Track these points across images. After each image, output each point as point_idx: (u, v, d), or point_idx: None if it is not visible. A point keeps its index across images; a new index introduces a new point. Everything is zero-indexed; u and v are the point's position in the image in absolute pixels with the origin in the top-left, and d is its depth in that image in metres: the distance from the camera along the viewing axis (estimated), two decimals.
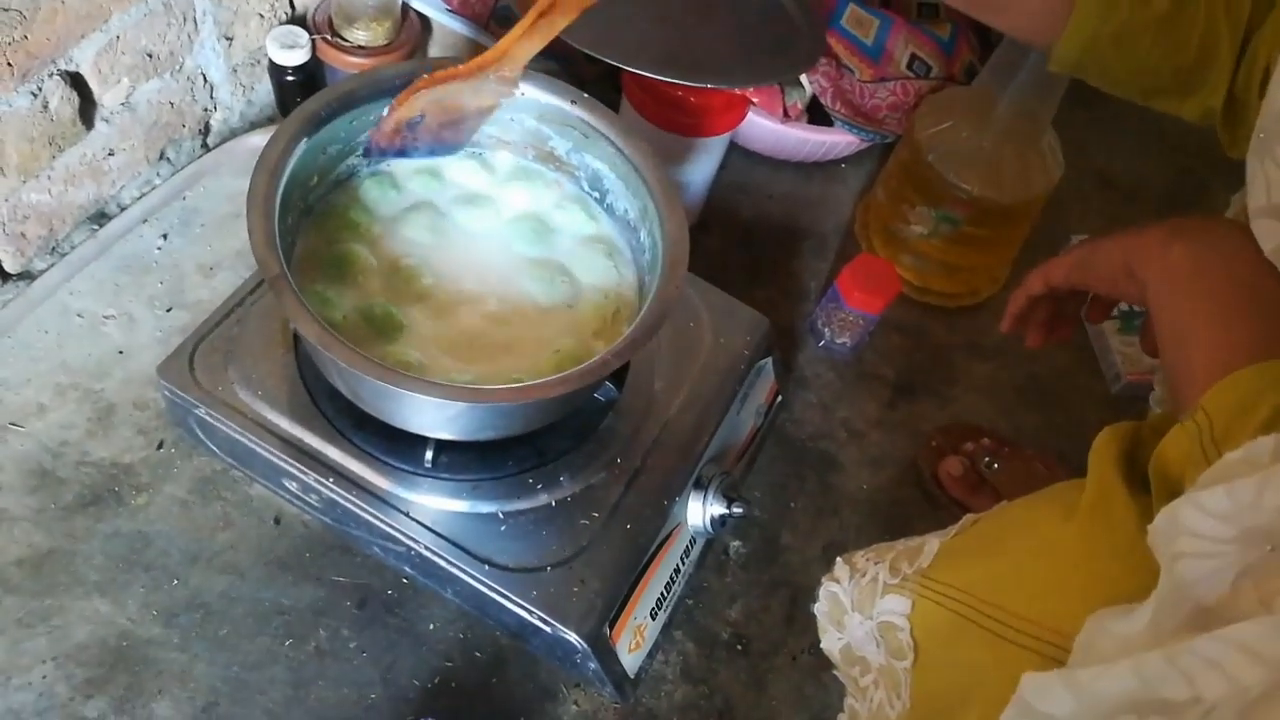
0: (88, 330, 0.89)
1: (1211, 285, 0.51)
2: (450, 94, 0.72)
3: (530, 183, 0.81)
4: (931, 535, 0.63)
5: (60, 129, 0.83)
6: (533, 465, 0.76)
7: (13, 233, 0.85)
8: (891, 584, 0.58)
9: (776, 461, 0.97)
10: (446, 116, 0.74)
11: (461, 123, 0.76)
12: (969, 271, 1.08)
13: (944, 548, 0.57)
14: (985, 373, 1.08)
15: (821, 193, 1.19)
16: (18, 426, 0.83)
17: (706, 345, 0.86)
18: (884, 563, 0.61)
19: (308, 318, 0.61)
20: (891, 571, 0.59)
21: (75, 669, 0.74)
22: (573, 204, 0.81)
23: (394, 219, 0.77)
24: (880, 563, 0.62)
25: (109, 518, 0.81)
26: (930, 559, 0.57)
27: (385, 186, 0.78)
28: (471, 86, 0.72)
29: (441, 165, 0.80)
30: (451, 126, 0.76)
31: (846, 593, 0.64)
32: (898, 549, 0.62)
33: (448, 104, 0.73)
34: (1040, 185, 0.99)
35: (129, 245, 0.95)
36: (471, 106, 0.74)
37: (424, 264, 0.75)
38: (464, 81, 0.71)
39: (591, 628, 0.72)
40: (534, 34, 0.66)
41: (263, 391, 0.76)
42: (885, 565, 0.60)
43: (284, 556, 0.82)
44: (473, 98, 0.74)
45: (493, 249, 0.78)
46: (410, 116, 0.73)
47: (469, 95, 0.73)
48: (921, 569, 0.57)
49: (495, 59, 0.70)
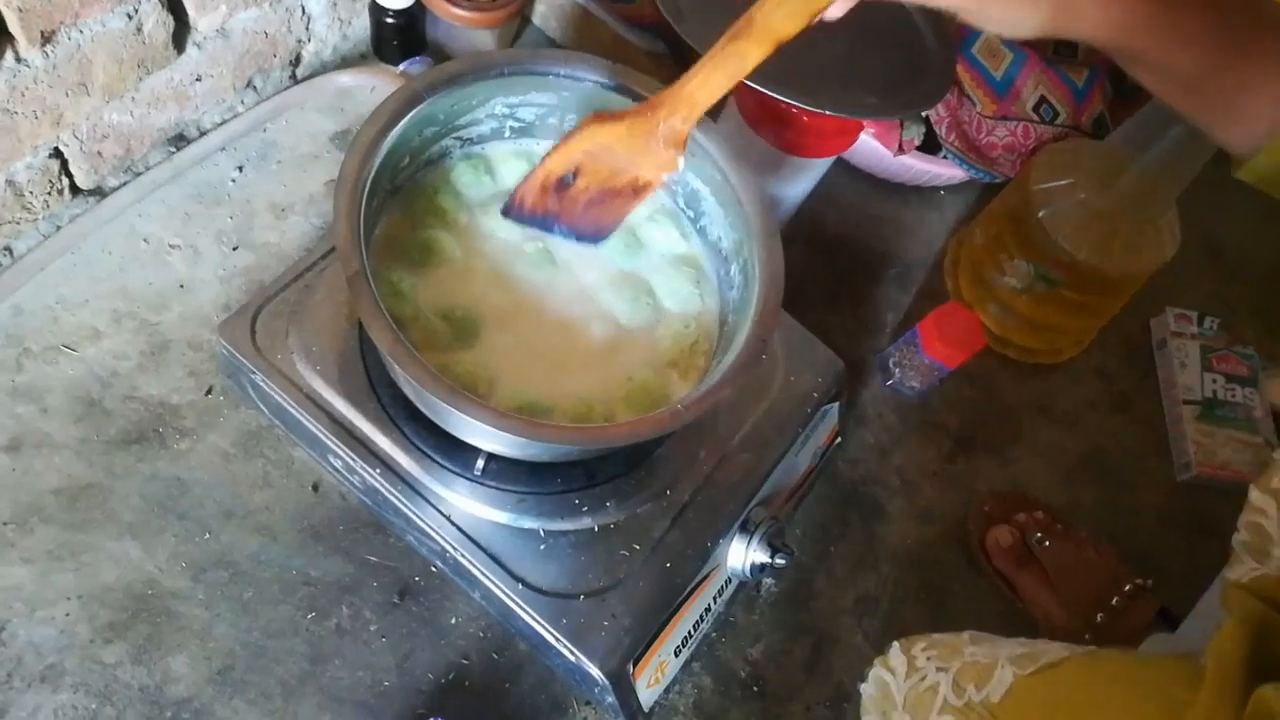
0: (152, 257, 0.87)
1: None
2: (609, 151, 0.63)
3: None
4: (1003, 647, 0.60)
5: (151, 52, 0.80)
6: (580, 486, 0.74)
7: (89, 151, 0.82)
8: (954, 705, 0.56)
9: (823, 502, 0.94)
10: (600, 184, 0.66)
11: (613, 200, 0.68)
12: (1055, 332, 1.03)
13: (1019, 687, 0.54)
14: (1051, 438, 1.04)
15: (915, 219, 1.13)
16: (70, 350, 0.82)
17: (777, 383, 0.83)
18: (947, 671, 0.59)
19: (382, 325, 0.58)
20: (955, 690, 0.56)
21: (99, 610, 0.74)
22: (666, 218, 0.77)
23: (483, 206, 0.74)
24: (944, 669, 0.59)
25: (150, 459, 0.80)
26: (1001, 692, 0.54)
27: (479, 170, 0.74)
28: (635, 145, 0.63)
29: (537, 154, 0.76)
30: (601, 204, 0.68)
31: (899, 688, 0.61)
32: (964, 656, 0.60)
33: (603, 165, 0.64)
34: (1151, 261, 0.93)
35: (203, 173, 0.92)
36: (628, 176, 0.65)
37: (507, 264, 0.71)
38: (629, 132, 0.62)
39: (616, 665, 0.71)
40: (717, 70, 0.56)
41: (321, 366, 0.74)
42: (949, 676, 0.58)
43: (318, 526, 0.81)
44: (633, 162, 0.64)
45: (579, 254, 0.74)
46: (563, 171, 0.65)
47: (630, 158, 0.64)
48: (990, 704, 0.54)
49: (669, 101, 0.59)
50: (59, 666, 0.72)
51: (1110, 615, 0.85)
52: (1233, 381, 1.07)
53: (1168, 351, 1.10)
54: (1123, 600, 0.85)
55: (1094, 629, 0.85)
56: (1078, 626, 0.86)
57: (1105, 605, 0.85)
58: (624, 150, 0.64)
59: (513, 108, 0.73)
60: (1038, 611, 0.89)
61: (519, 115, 0.74)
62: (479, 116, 0.73)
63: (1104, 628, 0.85)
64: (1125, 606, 0.85)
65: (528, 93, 0.72)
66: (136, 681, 0.73)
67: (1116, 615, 0.85)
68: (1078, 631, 0.86)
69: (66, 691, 0.71)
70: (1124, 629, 0.85)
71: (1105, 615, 0.85)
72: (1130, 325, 1.13)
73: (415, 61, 0.99)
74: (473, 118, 0.72)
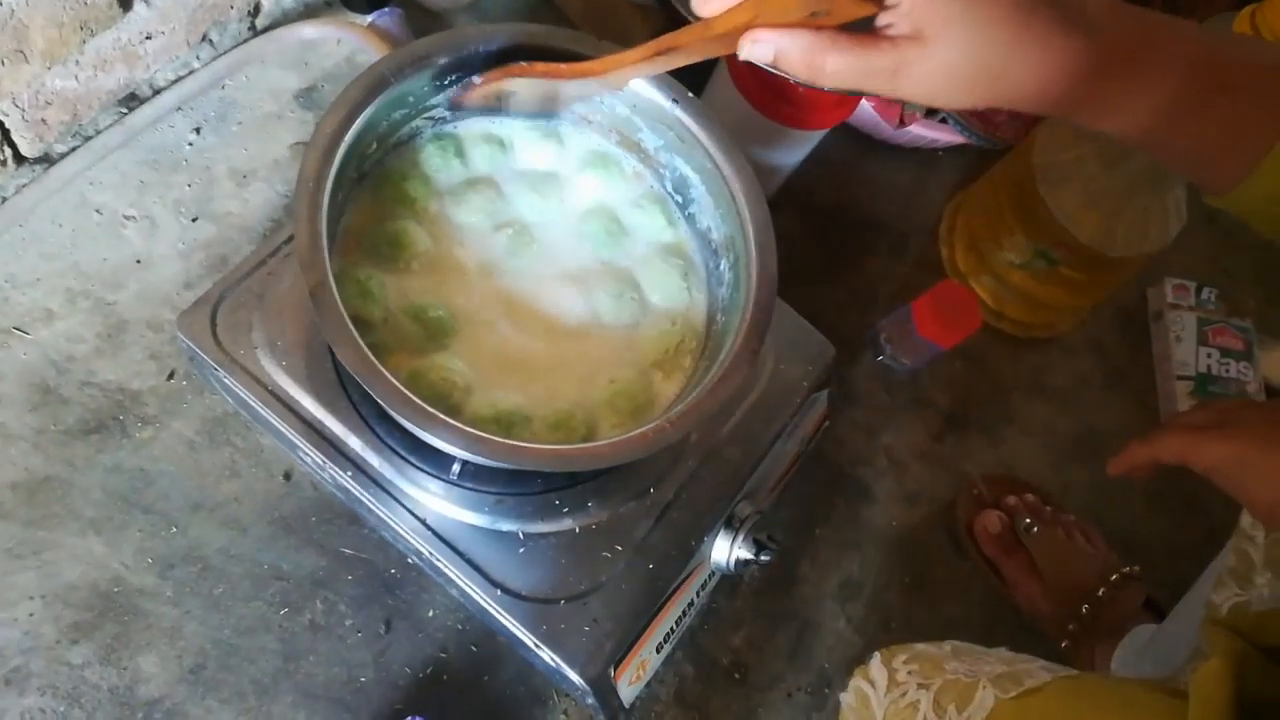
0: (105, 230, 0.82)
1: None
2: (547, 86, 0.65)
3: (607, 171, 0.72)
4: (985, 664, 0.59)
5: (94, 12, 0.73)
6: (561, 486, 0.72)
7: (33, 119, 0.76)
8: None
9: (809, 484, 0.92)
10: (542, 96, 0.67)
11: (557, 100, 0.69)
12: (1051, 308, 1.00)
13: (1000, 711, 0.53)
14: (1043, 416, 1.02)
15: (912, 182, 1.09)
16: (22, 332, 0.77)
17: (766, 372, 0.80)
18: (928, 689, 0.57)
19: (348, 341, 0.54)
20: (935, 709, 0.55)
21: (63, 610, 0.72)
22: (652, 204, 0.73)
23: (453, 194, 0.69)
24: (925, 686, 0.58)
25: (111, 449, 0.76)
26: (983, 716, 0.53)
27: (449, 154, 0.69)
28: (573, 84, 0.64)
29: (512, 136, 0.71)
30: (547, 102, 0.69)
31: (880, 703, 0.60)
32: (946, 673, 0.58)
33: (544, 88, 0.66)
34: (1155, 242, 0.90)
35: (158, 136, 0.86)
36: (569, 94, 0.67)
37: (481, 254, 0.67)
38: (565, 80, 0.63)
39: (597, 671, 0.69)
40: (650, 64, 0.57)
41: (287, 362, 0.70)
42: (930, 695, 0.57)
43: (289, 517, 0.78)
44: (572, 89, 0.66)
45: (558, 243, 0.70)
46: (501, 91, 0.66)
47: (568, 89, 0.65)
48: None
49: (600, 72, 0.60)
50: (24, 669, 0.70)
51: (1096, 606, 0.84)
52: (1228, 356, 1.05)
53: (1164, 324, 1.07)
54: (1109, 591, 0.85)
55: (1079, 619, 0.84)
56: (1063, 617, 0.85)
57: (1091, 596, 0.85)
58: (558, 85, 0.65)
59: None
60: (1023, 600, 0.88)
61: None
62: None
63: (1088, 619, 0.84)
64: (1111, 597, 0.84)
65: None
66: (105, 682, 0.71)
67: (1102, 606, 0.84)
68: (1063, 621, 0.85)
69: (34, 694, 0.69)
70: (1110, 619, 0.84)
71: (1091, 606, 0.84)
72: (1127, 294, 1.11)
73: (385, 13, 0.92)
74: (443, 98, 0.67)
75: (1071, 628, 0.85)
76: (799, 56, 0.46)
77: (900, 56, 0.44)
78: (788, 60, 0.46)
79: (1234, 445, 0.54)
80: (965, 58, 0.44)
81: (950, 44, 0.44)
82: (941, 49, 0.44)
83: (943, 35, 0.44)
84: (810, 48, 0.45)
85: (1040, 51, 0.44)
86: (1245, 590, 0.64)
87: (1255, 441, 0.53)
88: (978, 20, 0.43)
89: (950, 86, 0.45)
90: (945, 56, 0.44)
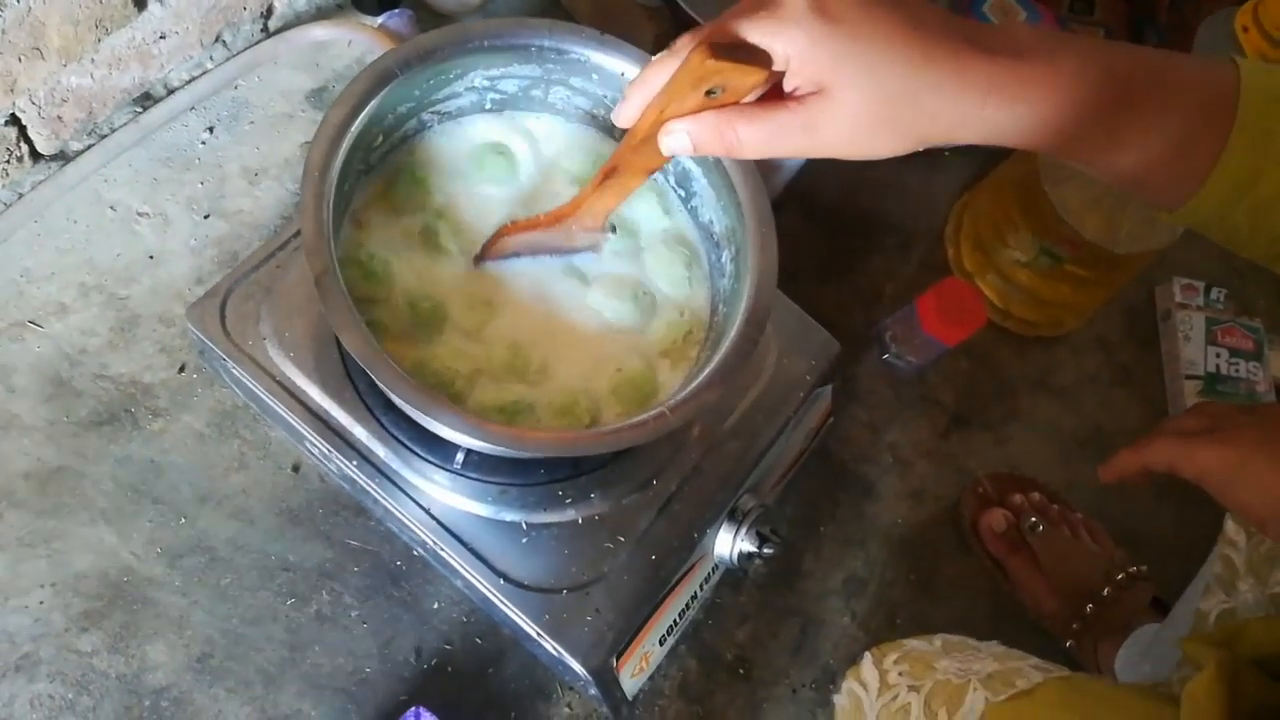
0: (119, 226, 0.84)
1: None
2: (538, 238, 0.66)
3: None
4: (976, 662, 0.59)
5: (109, 11, 0.75)
6: (564, 477, 0.72)
7: (49, 116, 0.78)
8: None
9: (813, 480, 0.92)
10: (542, 251, 0.68)
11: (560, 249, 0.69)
12: (1057, 306, 1.00)
13: (991, 716, 0.53)
14: (1049, 414, 1.02)
15: (919, 183, 1.09)
16: (37, 326, 0.79)
17: (768, 367, 0.80)
18: (919, 691, 0.58)
19: (353, 328, 0.55)
20: (926, 713, 0.56)
21: (74, 598, 0.73)
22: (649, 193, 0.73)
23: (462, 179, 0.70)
24: (915, 688, 0.58)
25: (122, 440, 0.77)
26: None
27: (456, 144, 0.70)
28: (559, 232, 0.66)
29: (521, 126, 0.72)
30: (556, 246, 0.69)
31: (871, 705, 0.61)
32: (937, 673, 0.59)
33: (538, 245, 0.67)
34: (1161, 240, 0.90)
35: (172, 135, 0.88)
36: (565, 247, 0.68)
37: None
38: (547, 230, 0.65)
39: (599, 661, 0.69)
40: (605, 192, 0.59)
41: (295, 353, 0.71)
42: (920, 698, 0.57)
43: (297, 509, 0.79)
44: (563, 240, 0.67)
45: None
46: (504, 254, 0.67)
47: (558, 238, 0.67)
48: None
49: (572, 212, 0.63)
50: (34, 656, 0.71)
51: (1100, 606, 0.84)
52: (1237, 356, 1.05)
53: (1172, 323, 1.07)
54: (1114, 591, 0.84)
55: (1083, 619, 0.84)
56: (1068, 615, 0.85)
57: (1096, 595, 0.84)
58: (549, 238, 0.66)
59: (494, 80, 0.69)
60: (1027, 599, 0.88)
61: (500, 87, 0.70)
62: (457, 90, 0.68)
63: (1093, 618, 0.84)
64: (1116, 598, 0.84)
65: (509, 65, 0.68)
66: (114, 670, 0.72)
67: (1107, 607, 0.84)
68: (1067, 620, 0.85)
69: (43, 681, 0.70)
70: (1114, 619, 0.84)
71: (1095, 606, 0.84)
72: (1134, 293, 1.10)
73: (395, 14, 0.93)
74: (451, 91, 0.68)
75: (1076, 627, 0.85)
76: (710, 136, 0.46)
77: (806, 113, 0.44)
78: (703, 142, 0.47)
79: (1225, 451, 0.54)
80: (870, 99, 0.43)
81: (851, 89, 0.43)
82: (844, 96, 0.43)
83: (841, 82, 0.43)
84: (718, 125, 0.46)
85: (954, 79, 0.42)
86: (1231, 597, 0.63)
87: (1246, 447, 0.53)
88: (871, 60, 0.42)
89: (866, 130, 0.44)
90: (850, 103, 0.43)
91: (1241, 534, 0.63)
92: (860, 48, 0.42)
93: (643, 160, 0.54)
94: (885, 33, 0.42)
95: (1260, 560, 0.61)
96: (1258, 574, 0.61)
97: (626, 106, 0.50)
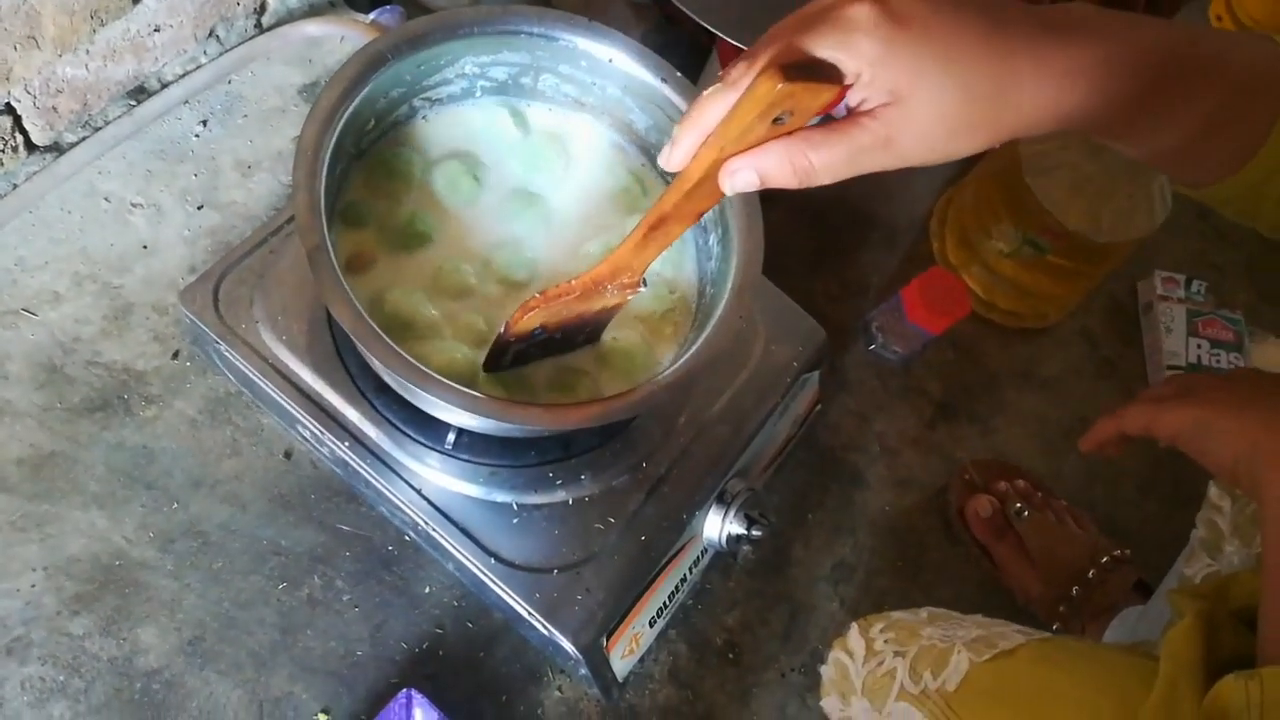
0: (113, 217, 0.84)
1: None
2: (565, 309, 0.60)
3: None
4: (960, 628, 0.60)
5: (104, 1, 0.76)
6: (555, 458, 0.73)
7: (43, 106, 0.79)
8: (911, 692, 0.56)
9: (802, 468, 0.93)
10: (567, 325, 0.62)
11: (584, 327, 0.64)
12: (1041, 297, 1.02)
13: (975, 675, 0.54)
14: (1034, 405, 1.03)
15: (903, 178, 1.10)
16: (30, 314, 0.79)
17: (756, 353, 0.81)
18: (904, 656, 0.58)
19: (344, 302, 0.56)
20: (912, 676, 0.56)
21: (65, 582, 0.73)
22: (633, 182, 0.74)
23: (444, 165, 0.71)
24: (901, 654, 0.59)
25: (115, 426, 0.78)
26: (957, 680, 0.54)
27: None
28: (590, 299, 0.59)
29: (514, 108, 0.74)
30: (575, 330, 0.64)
31: (857, 673, 0.61)
32: (921, 639, 0.59)
33: (565, 315, 0.60)
34: (1142, 228, 0.91)
35: (166, 128, 0.89)
36: (592, 311, 0.61)
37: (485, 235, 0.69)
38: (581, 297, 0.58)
39: (589, 640, 0.70)
40: (649, 244, 0.53)
41: (287, 336, 0.71)
42: (905, 663, 0.58)
43: (288, 494, 0.79)
44: (592, 304, 0.60)
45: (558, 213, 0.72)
46: (527, 332, 0.61)
47: (587, 304, 0.60)
48: (945, 692, 0.54)
49: (610, 273, 0.56)
50: (25, 638, 0.71)
51: (1086, 589, 0.85)
52: (1218, 347, 1.06)
53: (1154, 315, 1.08)
54: (1099, 574, 0.85)
55: (1069, 602, 0.85)
56: (1053, 599, 0.86)
57: (1081, 579, 0.85)
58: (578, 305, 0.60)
59: (484, 67, 0.70)
60: (1014, 583, 0.89)
61: (490, 74, 0.71)
62: (448, 76, 0.70)
63: (1079, 601, 0.85)
64: (1101, 580, 0.85)
65: (499, 51, 0.69)
66: (105, 653, 0.72)
67: (1092, 589, 0.85)
68: (1053, 603, 0.86)
69: (34, 664, 0.70)
70: (1099, 602, 0.85)
71: (1081, 589, 0.85)
72: (1117, 287, 1.12)
73: (386, 10, 0.95)
74: (441, 77, 0.69)
75: (1062, 609, 0.86)
76: (781, 170, 0.42)
77: (883, 128, 0.41)
78: (773, 176, 0.43)
79: (1194, 410, 0.55)
80: (950, 102, 0.40)
81: (930, 93, 0.40)
82: (923, 103, 0.40)
83: (918, 88, 0.40)
84: (789, 156, 0.42)
85: (1033, 69, 0.40)
86: (1216, 560, 0.64)
87: (1215, 406, 0.54)
88: (948, 60, 0.40)
89: (950, 134, 0.41)
90: (931, 108, 0.40)
91: (1226, 499, 0.64)
92: (936, 49, 0.40)
93: (695, 205, 0.49)
94: (957, 30, 0.40)
95: (1246, 522, 0.62)
96: (1243, 536, 0.62)
97: (678, 150, 0.45)
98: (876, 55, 0.39)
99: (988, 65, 0.40)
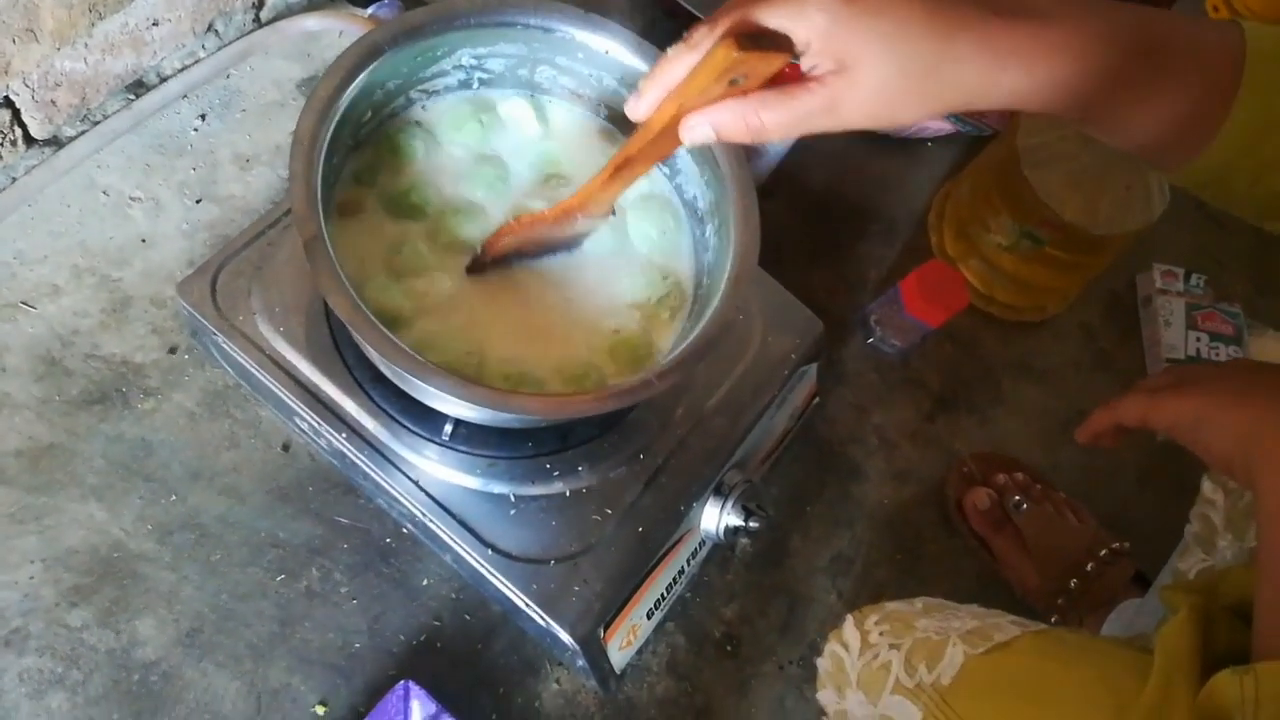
0: (112, 210, 0.85)
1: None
2: (539, 232, 0.66)
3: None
4: (956, 620, 0.60)
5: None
6: (552, 450, 0.73)
7: (42, 100, 0.79)
8: (906, 685, 0.55)
9: (800, 461, 0.93)
10: (542, 246, 0.68)
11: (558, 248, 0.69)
12: (1039, 290, 1.02)
13: (970, 668, 0.53)
14: (1033, 398, 1.03)
15: (901, 172, 1.11)
16: (29, 306, 0.80)
17: (754, 345, 0.81)
18: (899, 649, 0.58)
19: (340, 290, 0.56)
20: (907, 669, 0.56)
21: (64, 574, 0.73)
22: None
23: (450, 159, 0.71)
24: (896, 647, 0.59)
25: (113, 419, 0.78)
26: (952, 673, 0.54)
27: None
28: (563, 224, 0.65)
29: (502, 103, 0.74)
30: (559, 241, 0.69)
31: (853, 665, 0.61)
32: (916, 631, 0.59)
33: (539, 239, 0.67)
34: (1139, 220, 0.91)
35: (164, 122, 0.89)
36: (564, 236, 0.68)
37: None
38: (553, 221, 0.64)
39: (587, 630, 0.70)
40: (615, 181, 0.58)
41: (285, 328, 0.72)
42: (900, 655, 0.57)
43: (287, 487, 0.80)
44: (565, 229, 0.66)
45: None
46: (503, 253, 0.66)
47: (561, 229, 0.66)
48: (940, 686, 0.54)
49: (580, 205, 0.62)
50: (24, 630, 0.71)
51: (1084, 581, 0.85)
52: (1217, 340, 1.06)
53: (1153, 309, 1.08)
54: (1097, 566, 0.85)
55: (1067, 594, 0.85)
56: (1051, 591, 0.86)
57: (1079, 571, 0.85)
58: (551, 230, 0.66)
59: (480, 59, 0.70)
60: (1012, 576, 0.89)
61: (487, 66, 0.71)
62: (444, 68, 0.70)
63: (1077, 593, 0.85)
64: (1099, 572, 0.85)
65: (495, 43, 0.69)
66: (103, 644, 0.72)
67: (1090, 581, 0.85)
68: (1051, 596, 0.86)
69: (32, 655, 0.71)
70: (1098, 594, 0.85)
71: (1079, 581, 0.85)
72: (1116, 280, 1.12)
73: (384, 5, 0.95)
74: (438, 69, 0.70)
75: (1060, 602, 0.85)
76: (735, 125, 0.47)
77: (829, 92, 0.44)
78: (727, 131, 0.48)
79: (1190, 401, 0.54)
80: (892, 74, 0.43)
81: (873, 65, 0.43)
82: (867, 71, 0.43)
83: (863, 59, 0.43)
84: (742, 114, 0.47)
85: (976, 49, 0.43)
86: (1210, 554, 0.64)
87: (1211, 396, 0.54)
88: (893, 37, 0.43)
89: (889, 104, 0.44)
90: (873, 77, 0.43)
91: (1219, 493, 0.64)
92: (882, 25, 0.43)
93: (657, 150, 0.55)
94: (904, 8, 0.42)
95: (1239, 515, 0.62)
96: (1236, 529, 0.62)
97: (642, 101, 0.50)
98: (825, 27, 0.43)
99: (928, 43, 0.43)
